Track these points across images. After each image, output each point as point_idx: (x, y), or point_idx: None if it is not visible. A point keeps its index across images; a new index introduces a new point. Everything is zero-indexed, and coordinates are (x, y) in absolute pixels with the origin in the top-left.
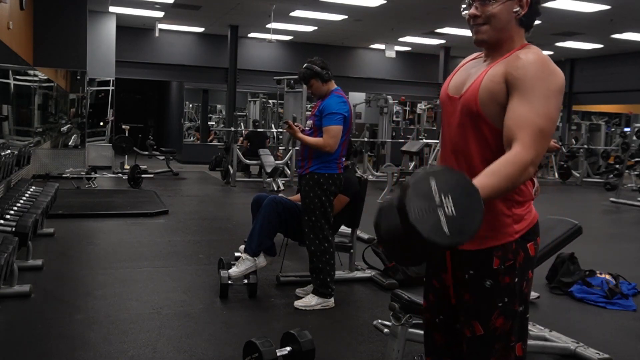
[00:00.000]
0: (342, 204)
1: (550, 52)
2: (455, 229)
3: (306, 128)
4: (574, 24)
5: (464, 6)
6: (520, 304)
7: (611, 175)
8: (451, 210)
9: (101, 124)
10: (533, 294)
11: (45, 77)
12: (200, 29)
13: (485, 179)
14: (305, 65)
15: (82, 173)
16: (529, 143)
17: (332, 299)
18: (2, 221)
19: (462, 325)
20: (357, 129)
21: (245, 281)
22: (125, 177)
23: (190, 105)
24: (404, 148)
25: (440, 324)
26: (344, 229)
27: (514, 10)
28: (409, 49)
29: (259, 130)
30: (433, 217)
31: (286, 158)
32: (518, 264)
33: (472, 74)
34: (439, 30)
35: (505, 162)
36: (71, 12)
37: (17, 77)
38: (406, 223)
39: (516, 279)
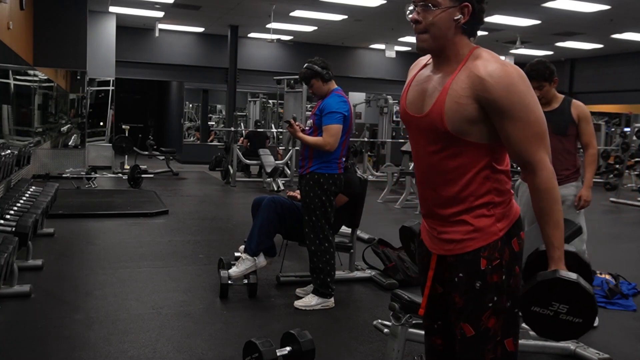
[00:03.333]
0: (341, 203)
1: (550, 52)
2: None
3: (307, 127)
4: (574, 24)
5: (409, 9)
6: (508, 300)
7: (611, 175)
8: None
9: (101, 124)
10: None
11: (45, 77)
12: (200, 29)
13: (557, 236)
14: (306, 65)
15: (82, 173)
16: (542, 157)
17: (332, 299)
18: (2, 221)
19: (453, 327)
20: (357, 129)
21: (245, 281)
22: (125, 177)
23: (190, 105)
24: (404, 148)
25: (439, 329)
26: (344, 229)
27: (455, 18)
28: (409, 49)
29: (259, 130)
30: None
31: (286, 158)
32: (504, 262)
33: (428, 89)
34: None
35: (548, 192)
36: (71, 12)
37: (17, 77)
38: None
39: (504, 277)
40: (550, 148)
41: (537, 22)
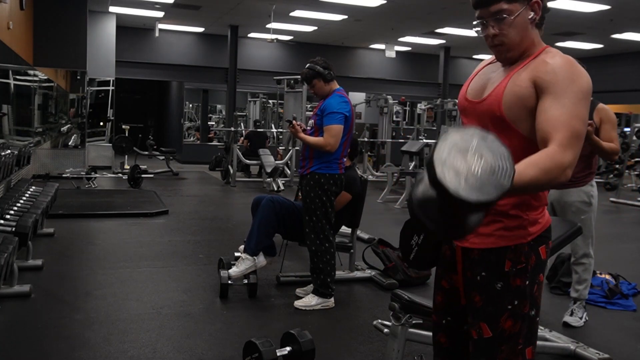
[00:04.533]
0: (345, 201)
1: None
2: (472, 188)
3: (308, 127)
4: (574, 24)
5: (477, 29)
6: (532, 308)
7: (611, 175)
8: (477, 170)
9: (101, 123)
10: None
11: (45, 77)
12: (200, 29)
13: (525, 168)
14: (308, 65)
15: (82, 173)
16: (566, 144)
17: (332, 299)
18: (2, 221)
19: (469, 326)
20: (357, 129)
21: (245, 281)
22: (125, 177)
23: (190, 105)
24: (404, 148)
25: (447, 326)
26: (344, 229)
27: (529, 17)
28: (409, 49)
29: (259, 130)
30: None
31: (286, 158)
32: (530, 267)
33: (492, 78)
34: (439, 30)
35: (545, 157)
36: (71, 12)
37: (17, 77)
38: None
39: (527, 282)
40: None
41: None
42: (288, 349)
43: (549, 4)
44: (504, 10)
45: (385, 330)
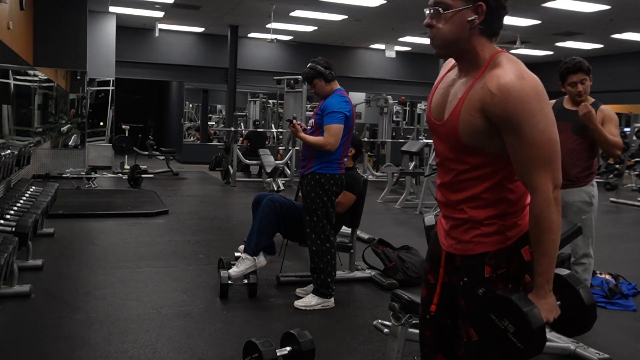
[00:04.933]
0: (349, 202)
1: (550, 52)
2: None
3: (308, 127)
4: (574, 24)
5: (426, 13)
6: None
7: (611, 175)
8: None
9: (101, 123)
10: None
11: (45, 77)
12: (200, 29)
13: (539, 268)
14: (309, 65)
15: (82, 173)
16: (542, 179)
17: (332, 299)
18: (2, 221)
19: (460, 329)
20: (357, 129)
21: (245, 281)
22: (125, 177)
23: (190, 105)
24: (404, 148)
25: (430, 320)
26: (344, 229)
27: (469, 19)
28: (409, 49)
29: (259, 130)
30: None
31: (286, 158)
32: (512, 272)
33: (450, 94)
34: None
35: (538, 220)
36: (71, 12)
37: (17, 77)
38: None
39: (510, 286)
40: (567, 147)
41: (537, 22)
42: (288, 349)
43: (550, 4)
44: (442, 3)
45: (385, 330)
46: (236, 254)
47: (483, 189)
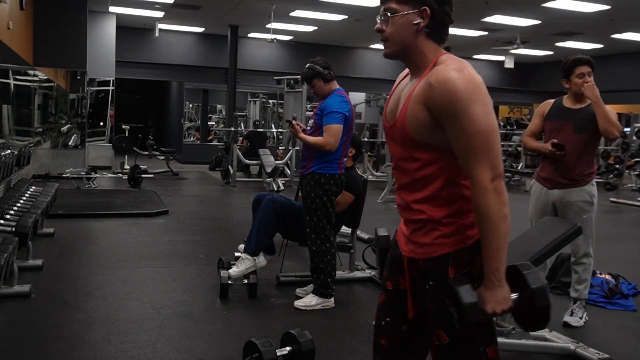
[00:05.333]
0: (348, 202)
1: (550, 52)
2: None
3: (308, 128)
4: (574, 24)
5: (377, 20)
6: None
7: (611, 175)
8: None
9: (101, 123)
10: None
11: (45, 77)
12: (200, 29)
13: (484, 257)
14: (307, 65)
15: (82, 173)
16: (478, 169)
17: (332, 299)
18: (2, 221)
19: (429, 333)
20: (357, 129)
21: (245, 281)
22: (125, 177)
23: (190, 105)
24: None
25: (386, 326)
26: (344, 228)
27: (415, 22)
28: None
29: (259, 130)
30: None
31: (286, 158)
32: (475, 270)
33: (401, 96)
34: None
35: (477, 212)
36: (71, 12)
37: (17, 77)
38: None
39: (475, 286)
40: (568, 146)
41: (537, 22)
42: (288, 349)
43: (550, 4)
44: (391, 9)
45: None
46: (236, 254)
47: (438, 186)
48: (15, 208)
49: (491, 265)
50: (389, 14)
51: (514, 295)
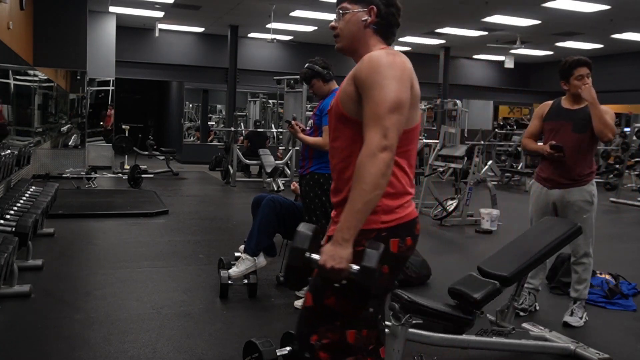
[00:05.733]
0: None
1: (550, 52)
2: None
3: (307, 128)
4: (574, 24)
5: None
6: (360, 292)
7: (611, 175)
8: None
9: (101, 123)
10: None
11: (45, 77)
12: (200, 29)
13: (343, 212)
14: (307, 65)
15: (82, 173)
16: (373, 133)
17: None
18: (2, 221)
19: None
20: None
21: (245, 281)
22: (125, 177)
23: (190, 105)
24: None
25: None
26: None
27: (363, 19)
28: (409, 49)
29: (259, 130)
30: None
31: (286, 158)
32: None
33: None
34: (439, 30)
35: (356, 170)
36: (71, 12)
37: (17, 77)
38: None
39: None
40: (567, 146)
41: (537, 22)
42: (288, 349)
43: (550, 4)
44: (343, 7)
45: (386, 330)
46: (236, 254)
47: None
48: (15, 208)
49: (345, 222)
50: (341, 12)
51: (356, 267)
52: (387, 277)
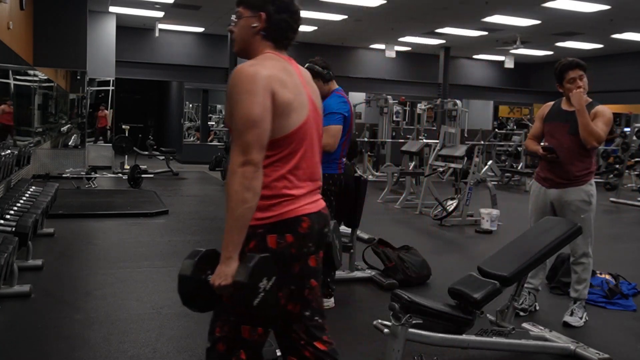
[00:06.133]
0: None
1: (550, 52)
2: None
3: None
4: (574, 24)
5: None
6: None
7: (611, 175)
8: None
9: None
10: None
11: (45, 77)
12: (200, 29)
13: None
14: (306, 65)
15: (82, 173)
16: (234, 150)
17: (332, 299)
18: (2, 221)
19: None
20: (357, 129)
21: None
22: (125, 177)
23: (190, 105)
24: (404, 148)
25: None
26: (344, 229)
27: (253, 25)
28: (409, 49)
29: None
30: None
31: None
32: (248, 250)
33: None
34: (439, 30)
35: (226, 192)
36: (71, 12)
37: (17, 77)
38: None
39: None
40: (564, 146)
41: (537, 22)
42: None
43: (550, 4)
44: (238, 12)
45: (385, 330)
46: None
47: None
48: (15, 208)
49: (225, 241)
50: (236, 17)
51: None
52: (284, 271)
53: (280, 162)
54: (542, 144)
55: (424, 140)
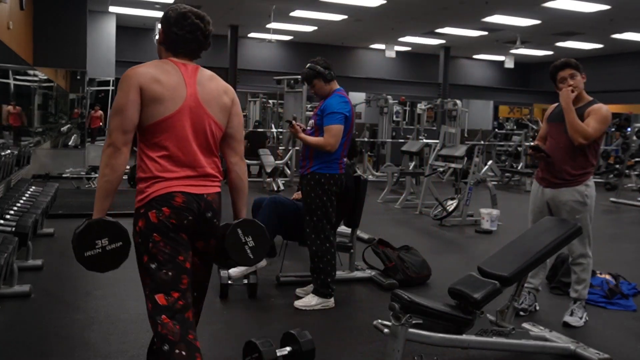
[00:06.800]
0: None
1: (550, 52)
2: (256, 254)
3: (308, 128)
4: (574, 24)
5: None
6: (151, 261)
7: (611, 175)
8: (252, 243)
9: (101, 124)
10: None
11: (45, 77)
12: None
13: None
14: (308, 65)
15: (82, 173)
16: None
17: (332, 299)
18: (2, 221)
19: None
20: (357, 129)
21: (245, 281)
22: (125, 177)
23: None
24: (404, 148)
25: None
26: (344, 229)
27: (157, 38)
28: (409, 49)
29: (259, 130)
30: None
31: (286, 158)
32: (138, 228)
33: None
34: (439, 30)
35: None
36: (71, 12)
37: (17, 77)
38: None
39: (139, 240)
40: (560, 146)
41: (537, 22)
42: (288, 349)
43: (550, 4)
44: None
45: (385, 330)
46: None
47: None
48: (15, 208)
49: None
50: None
51: None
52: (162, 242)
53: (153, 147)
54: (531, 143)
55: (424, 140)
